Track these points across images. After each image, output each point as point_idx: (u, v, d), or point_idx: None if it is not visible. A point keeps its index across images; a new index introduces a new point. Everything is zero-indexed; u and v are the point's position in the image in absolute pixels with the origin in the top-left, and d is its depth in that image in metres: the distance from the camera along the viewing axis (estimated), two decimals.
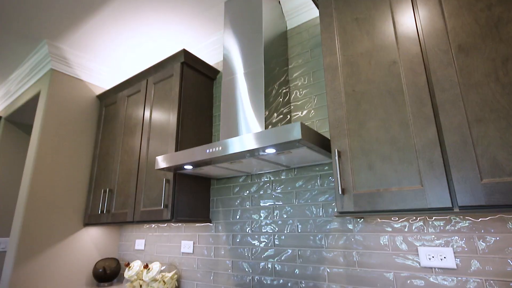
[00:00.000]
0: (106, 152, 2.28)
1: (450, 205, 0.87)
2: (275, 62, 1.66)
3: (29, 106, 2.62)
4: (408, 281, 1.16)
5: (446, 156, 0.92)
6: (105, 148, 2.31)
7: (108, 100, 2.43)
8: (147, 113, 2.03)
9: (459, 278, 1.07)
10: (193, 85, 1.99)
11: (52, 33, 2.11)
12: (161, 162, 1.56)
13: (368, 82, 1.13)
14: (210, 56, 2.25)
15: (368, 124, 1.09)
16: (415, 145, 0.97)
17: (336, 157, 1.11)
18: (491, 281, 1.01)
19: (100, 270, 2.14)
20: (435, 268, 1.12)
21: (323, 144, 1.23)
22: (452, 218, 1.13)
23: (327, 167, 1.49)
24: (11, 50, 2.27)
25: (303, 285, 1.42)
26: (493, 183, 0.81)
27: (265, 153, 1.27)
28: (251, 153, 1.25)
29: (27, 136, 3.06)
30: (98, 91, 2.54)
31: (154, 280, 1.83)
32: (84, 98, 2.42)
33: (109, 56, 2.40)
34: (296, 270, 1.46)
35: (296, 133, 1.08)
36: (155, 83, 2.06)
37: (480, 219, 1.07)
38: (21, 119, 2.93)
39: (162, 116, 1.92)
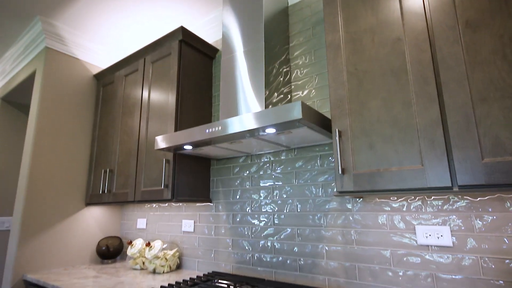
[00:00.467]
0: (105, 132, 2.27)
1: (450, 185, 0.88)
2: (275, 40, 1.62)
3: (26, 86, 2.58)
4: (405, 258, 1.19)
5: (448, 135, 0.91)
6: (104, 128, 2.30)
7: (106, 79, 2.39)
8: (145, 93, 2.00)
9: (455, 256, 1.09)
10: (192, 64, 1.95)
11: (45, 9, 2.04)
12: (161, 142, 1.55)
13: (371, 60, 1.10)
14: (208, 34, 2.19)
15: (369, 104, 1.08)
16: (417, 125, 0.96)
17: (337, 137, 1.11)
18: (486, 258, 1.04)
19: (104, 247, 2.19)
20: (431, 246, 1.14)
21: (323, 124, 1.22)
22: (450, 197, 1.14)
23: (327, 148, 1.49)
24: (3, 27, 2.20)
25: (302, 262, 1.46)
26: (494, 162, 0.81)
27: (265, 133, 1.26)
28: (251, 133, 1.24)
29: (25, 116, 3.03)
30: (95, 70, 2.49)
31: (156, 257, 1.88)
32: (80, 77, 2.38)
33: (106, 34, 2.34)
34: (295, 248, 1.49)
35: (296, 112, 1.07)
36: (153, 62, 2.02)
37: (478, 199, 1.08)
38: (18, 99, 2.89)
39: (160, 96, 1.90)
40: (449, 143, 0.91)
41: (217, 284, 1.50)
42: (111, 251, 2.21)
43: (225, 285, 1.45)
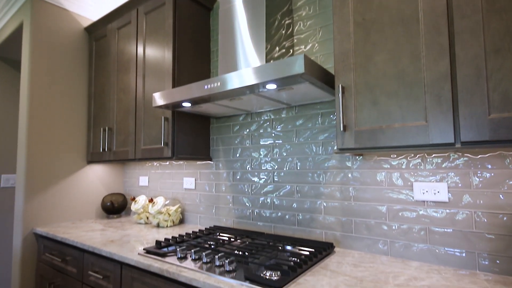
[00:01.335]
0: (101, 90, 2.21)
1: (453, 141, 0.86)
2: None
3: (15, 40, 2.45)
4: (400, 213, 1.22)
5: (455, 90, 0.88)
6: (100, 85, 2.23)
7: (98, 33, 2.27)
8: (140, 48, 1.91)
9: (448, 211, 1.12)
10: (188, 15, 1.83)
11: None
12: (158, 99, 1.52)
13: (380, 9, 1.02)
14: None
15: (376, 57, 1.02)
16: (424, 79, 0.92)
17: (340, 93, 1.07)
18: (480, 213, 1.06)
19: (108, 203, 2.26)
20: (427, 201, 1.17)
21: (326, 79, 1.18)
22: (450, 155, 1.13)
23: (329, 105, 1.45)
24: None
25: (300, 217, 1.51)
26: (501, 118, 0.79)
27: (266, 89, 1.22)
28: (251, 89, 1.20)
29: (17, 72, 2.94)
30: (86, 23, 2.35)
31: (160, 212, 1.94)
32: (71, 30, 2.25)
33: None
34: (294, 204, 1.54)
35: (298, 66, 1.02)
36: (146, 13, 1.89)
37: (479, 156, 1.08)
38: (8, 54, 2.77)
39: (156, 51, 1.81)
40: (456, 99, 0.87)
41: (218, 236, 1.57)
42: (115, 207, 2.28)
43: (226, 238, 1.52)
